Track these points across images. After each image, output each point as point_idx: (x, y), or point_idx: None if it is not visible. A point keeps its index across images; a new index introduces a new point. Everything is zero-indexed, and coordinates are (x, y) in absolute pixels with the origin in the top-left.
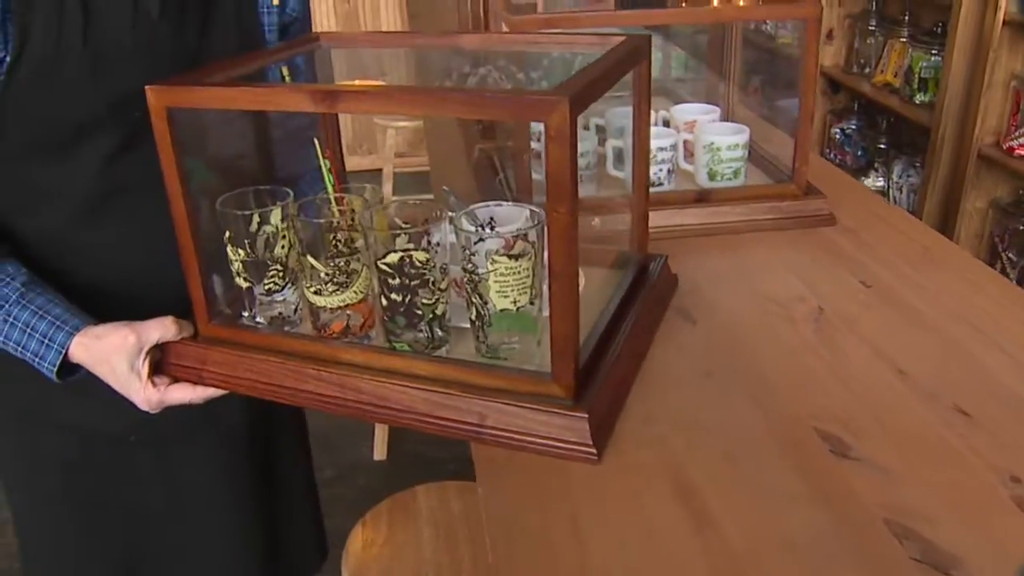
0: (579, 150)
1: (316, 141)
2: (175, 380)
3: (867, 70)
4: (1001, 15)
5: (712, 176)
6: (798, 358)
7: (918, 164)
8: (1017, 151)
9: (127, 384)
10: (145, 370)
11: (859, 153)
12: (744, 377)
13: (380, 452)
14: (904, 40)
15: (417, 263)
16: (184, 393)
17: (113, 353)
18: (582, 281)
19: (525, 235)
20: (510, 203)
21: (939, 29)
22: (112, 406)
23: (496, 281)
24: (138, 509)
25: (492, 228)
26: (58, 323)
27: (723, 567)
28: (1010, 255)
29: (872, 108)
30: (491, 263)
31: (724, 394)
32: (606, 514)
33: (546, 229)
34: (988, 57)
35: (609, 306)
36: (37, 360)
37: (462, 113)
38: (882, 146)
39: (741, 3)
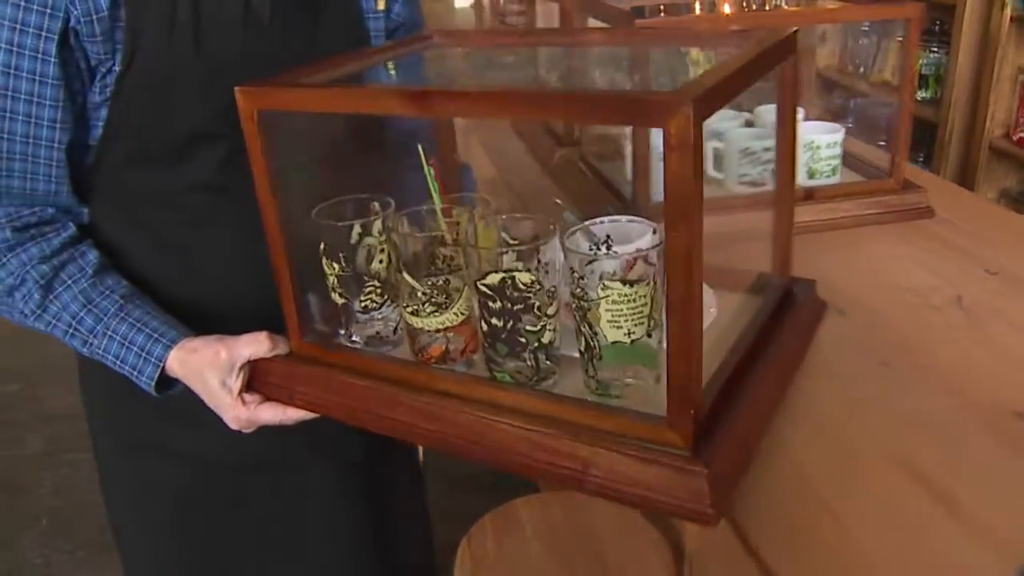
0: None
1: (420, 147)
2: (267, 399)
3: (863, 70)
4: (1008, 11)
5: (812, 174)
6: (961, 345)
7: (921, 159)
8: None
9: (218, 400)
10: (237, 387)
11: None
12: (919, 366)
13: None
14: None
15: (521, 285)
16: (274, 413)
17: (206, 368)
18: (713, 311)
19: (646, 256)
20: (637, 218)
21: (937, 27)
22: (228, 435)
23: (608, 309)
24: (251, 538)
25: (609, 247)
26: (155, 335)
27: (987, 549)
28: None
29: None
30: (602, 289)
31: (907, 383)
32: (855, 506)
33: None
34: (996, 53)
35: (743, 339)
36: (135, 374)
37: (568, 118)
38: (882, 143)
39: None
